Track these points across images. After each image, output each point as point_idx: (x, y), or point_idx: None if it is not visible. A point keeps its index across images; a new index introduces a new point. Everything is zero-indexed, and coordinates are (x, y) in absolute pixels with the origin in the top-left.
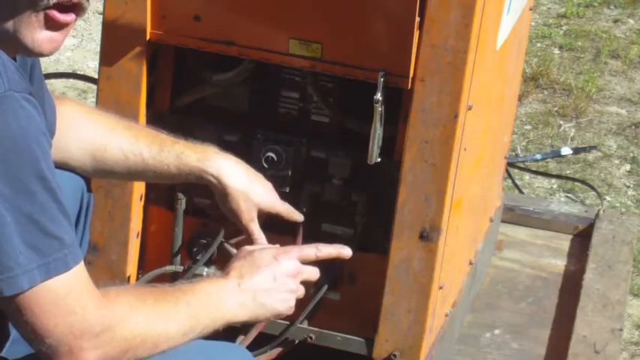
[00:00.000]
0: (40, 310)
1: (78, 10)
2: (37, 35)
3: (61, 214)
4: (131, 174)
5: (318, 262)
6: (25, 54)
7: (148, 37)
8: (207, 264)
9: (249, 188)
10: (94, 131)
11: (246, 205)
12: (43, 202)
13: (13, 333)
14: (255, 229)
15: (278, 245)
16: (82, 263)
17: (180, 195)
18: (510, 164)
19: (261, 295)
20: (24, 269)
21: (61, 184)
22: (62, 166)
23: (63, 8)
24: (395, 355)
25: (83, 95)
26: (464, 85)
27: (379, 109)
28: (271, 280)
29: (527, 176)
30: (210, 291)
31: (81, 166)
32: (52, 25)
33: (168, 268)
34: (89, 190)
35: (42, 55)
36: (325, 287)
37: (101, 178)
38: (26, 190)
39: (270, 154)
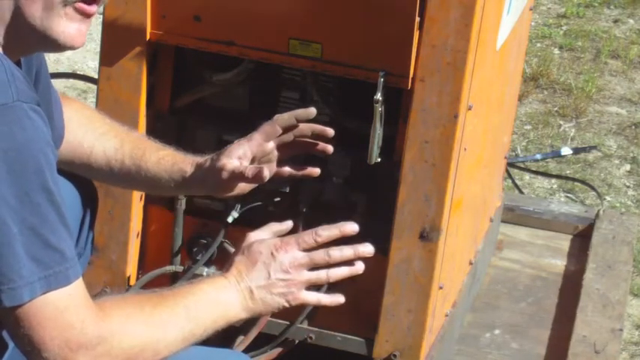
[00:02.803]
0: (37, 323)
1: (94, 3)
2: (68, 29)
3: (63, 226)
4: (115, 178)
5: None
6: (53, 50)
7: (148, 37)
8: (207, 264)
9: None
10: (84, 134)
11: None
12: (47, 215)
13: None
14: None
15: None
16: (80, 278)
17: (181, 195)
18: (510, 164)
19: (258, 292)
20: (26, 281)
21: (66, 190)
22: None
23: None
24: (395, 355)
25: (83, 95)
26: (464, 85)
27: (379, 109)
28: (266, 276)
29: (527, 176)
30: (208, 291)
31: (68, 163)
32: (80, 17)
33: (168, 268)
34: (96, 195)
35: (73, 48)
36: (325, 287)
37: (89, 177)
38: (30, 201)
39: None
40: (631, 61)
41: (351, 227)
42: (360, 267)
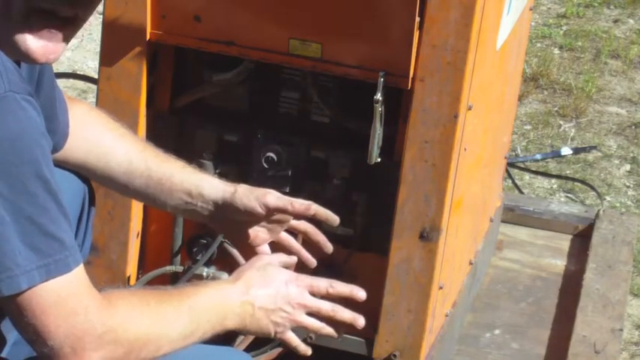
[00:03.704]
0: (41, 311)
1: (70, 23)
2: (30, 43)
3: (62, 215)
4: (131, 180)
5: (318, 262)
6: (23, 60)
7: (148, 37)
8: (207, 264)
9: (254, 191)
10: (102, 134)
11: (257, 201)
12: (44, 204)
13: (15, 335)
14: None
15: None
16: (82, 265)
17: (184, 215)
18: (510, 164)
19: (258, 313)
20: (23, 270)
21: (63, 186)
22: (61, 164)
23: (55, 19)
24: (395, 355)
25: (83, 95)
26: (464, 85)
27: (379, 109)
28: (273, 301)
29: (527, 176)
30: (213, 297)
31: (82, 165)
32: (43, 33)
33: (168, 268)
34: (92, 191)
35: (36, 62)
36: None
37: (99, 183)
38: (27, 191)
39: (270, 154)
40: (631, 61)
41: (362, 294)
42: (338, 333)
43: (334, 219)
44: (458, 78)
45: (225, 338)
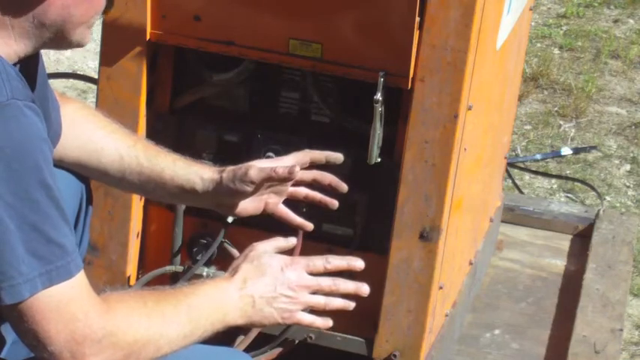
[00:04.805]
0: (42, 317)
1: None
2: (89, 35)
3: (63, 221)
4: (124, 176)
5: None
6: (62, 49)
7: (148, 37)
8: (207, 264)
9: (237, 171)
10: (93, 131)
11: (241, 182)
12: (46, 210)
13: (14, 335)
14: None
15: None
16: (82, 270)
17: (184, 204)
18: (510, 164)
19: (260, 303)
20: (25, 278)
21: (60, 185)
22: (57, 162)
23: None
24: (395, 355)
25: (83, 95)
26: (464, 85)
27: (379, 109)
28: (272, 289)
29: (527, 176)
30: (211, 294)
31: (76, 163)
32: None
33: (168, 268)
34: (90, 190)
35: (83, 46)
36: None
37: (96, 179)
38: (29, 198)
39: (270, 154)
40: (631, 61)
41: (359, 264)
42: (352, 304)
43: (336, 156)
44: (458, 78)
45: (225, 338)
